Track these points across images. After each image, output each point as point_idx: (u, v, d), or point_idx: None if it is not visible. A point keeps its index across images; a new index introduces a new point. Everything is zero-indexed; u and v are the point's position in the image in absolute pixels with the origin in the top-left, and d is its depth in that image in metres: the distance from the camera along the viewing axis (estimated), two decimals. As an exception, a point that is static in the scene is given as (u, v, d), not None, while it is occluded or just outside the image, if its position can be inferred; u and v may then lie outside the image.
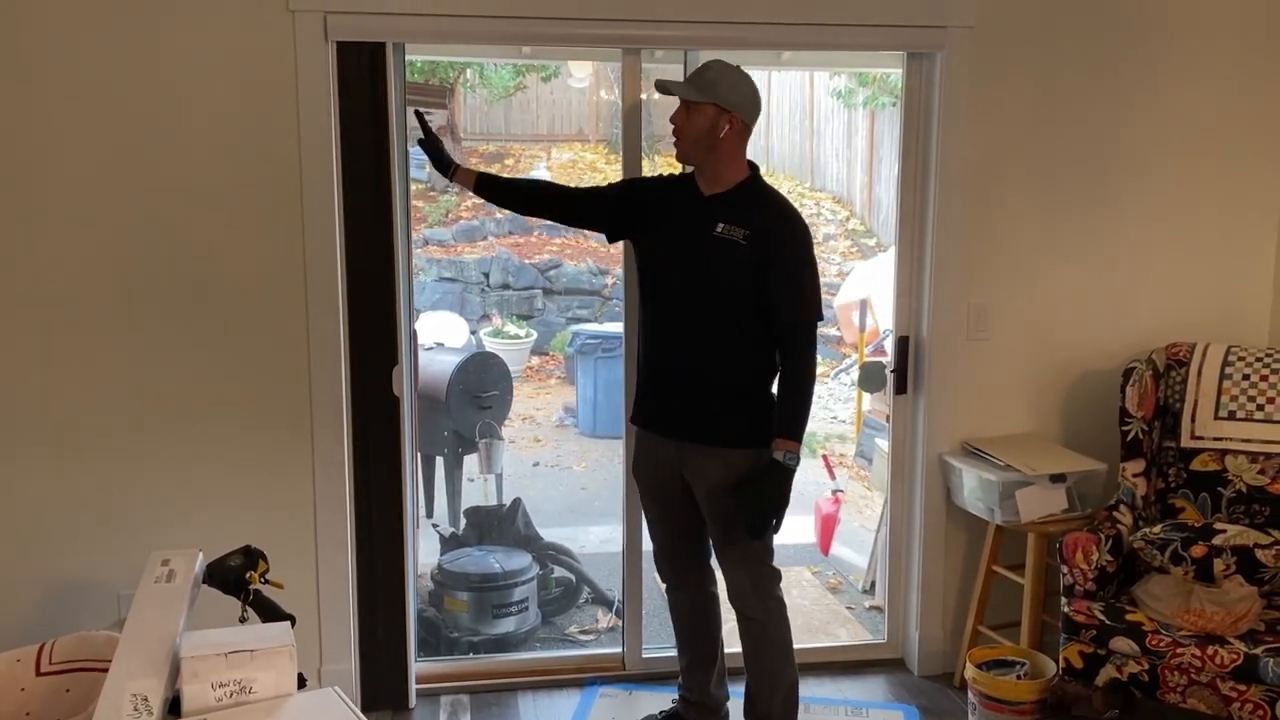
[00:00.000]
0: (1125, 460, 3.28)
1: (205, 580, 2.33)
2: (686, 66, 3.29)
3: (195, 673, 1.83)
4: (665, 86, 2.83)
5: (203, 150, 3.04)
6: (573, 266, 9.95)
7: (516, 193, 3.25)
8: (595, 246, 10.27)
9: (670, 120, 2.83)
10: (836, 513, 5.08)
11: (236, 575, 2.33)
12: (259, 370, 3.15)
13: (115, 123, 2.99)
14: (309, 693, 1.95)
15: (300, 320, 3.14)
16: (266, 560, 2.39)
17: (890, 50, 3.43)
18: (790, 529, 5.13)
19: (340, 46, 3.06)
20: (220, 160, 3.05)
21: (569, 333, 8.83)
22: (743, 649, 3.00)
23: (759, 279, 2.74)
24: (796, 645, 3.02)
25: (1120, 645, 2.85)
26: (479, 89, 11.15)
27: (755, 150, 2.88)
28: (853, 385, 7.53)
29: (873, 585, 4.56)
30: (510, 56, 6.19)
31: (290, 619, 2.21)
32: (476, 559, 4.25)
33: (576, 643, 4.19)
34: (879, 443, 4.67)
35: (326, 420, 3.18)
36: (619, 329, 3.53)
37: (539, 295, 9.76)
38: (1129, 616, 2.90)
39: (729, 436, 2.83)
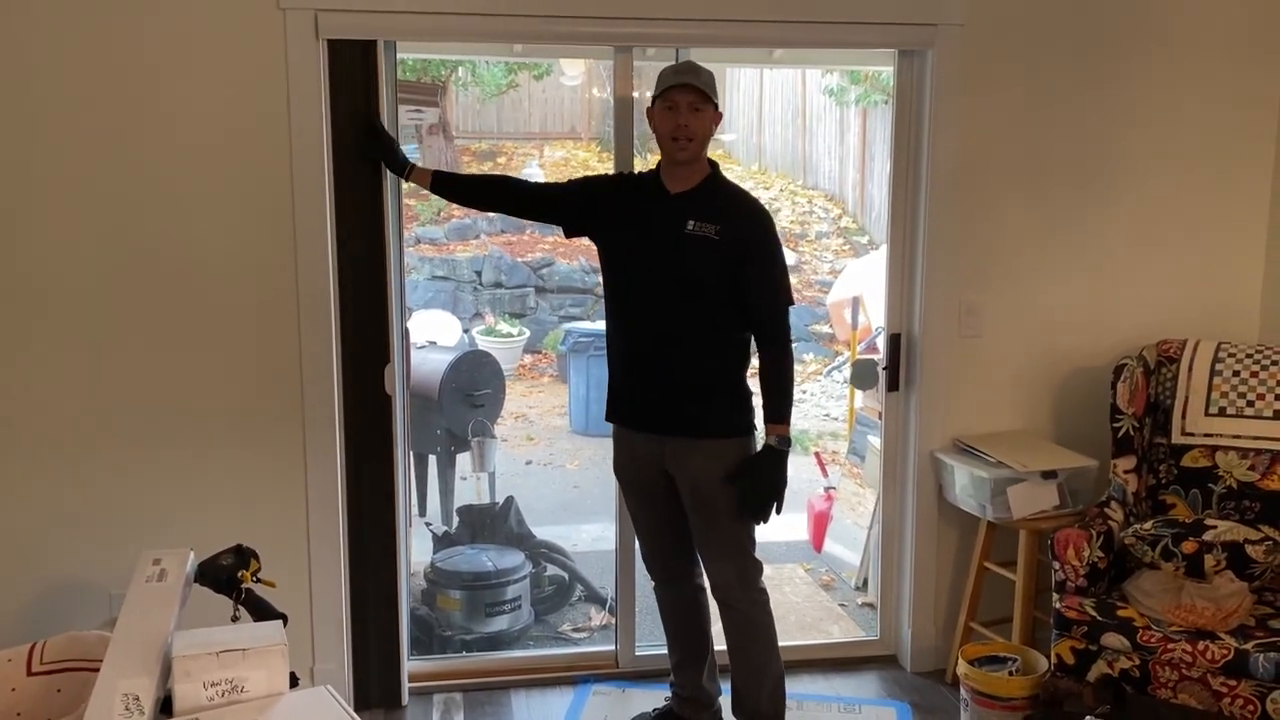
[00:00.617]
0: (1116, 457, 3.29)
1: (197, 579, 2.33)
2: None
3: (187, 672, 1.83)
4: (699, 83, 2.79)
5: (193, 149, 3.03)
6: (565, 265, 9.94)
7: (473, 189, 3.38)
8: (588, 245, 10.24)
9: (684, 124, 2.79)
10: (829, 510, 5.08)
11: (228, 574, 2.33)
12: (250, 369, 3.15)
13: (104, 121, 2.98)
14: (301, 691, 1.95)
15: (292, 319, 3.14)
16: (258, 559, 2.39)
17: (881, 48, 3.43)
18: (783, 526, 5.15)
19: (331, 44, 3.05)
20: (211, 159, 3.05)
21: (561, 331, 8.82)
22: (727, 643, 3.01)
23: (734, 272, 2.81)
24: (789, 643, 3.04)
25: (1111, 641, 2.86)
26: (471, 87, 11.13)
27: (749, 148, 2.90)
28: (845, 383, 7.54)
29: (865, 582, 4.56)
30: (502, 54, 6.18)
31: (282, 618, 2.21)
32: (469, 557, 4.25)
33: (569, 641, 4.19)
34: (871, 440, 4.68)
35: (318, 419, 3.18)
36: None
37: (531, 293, 9.75)
38: (1120, 612, 2.91)
39: (710, 428, 2.87)
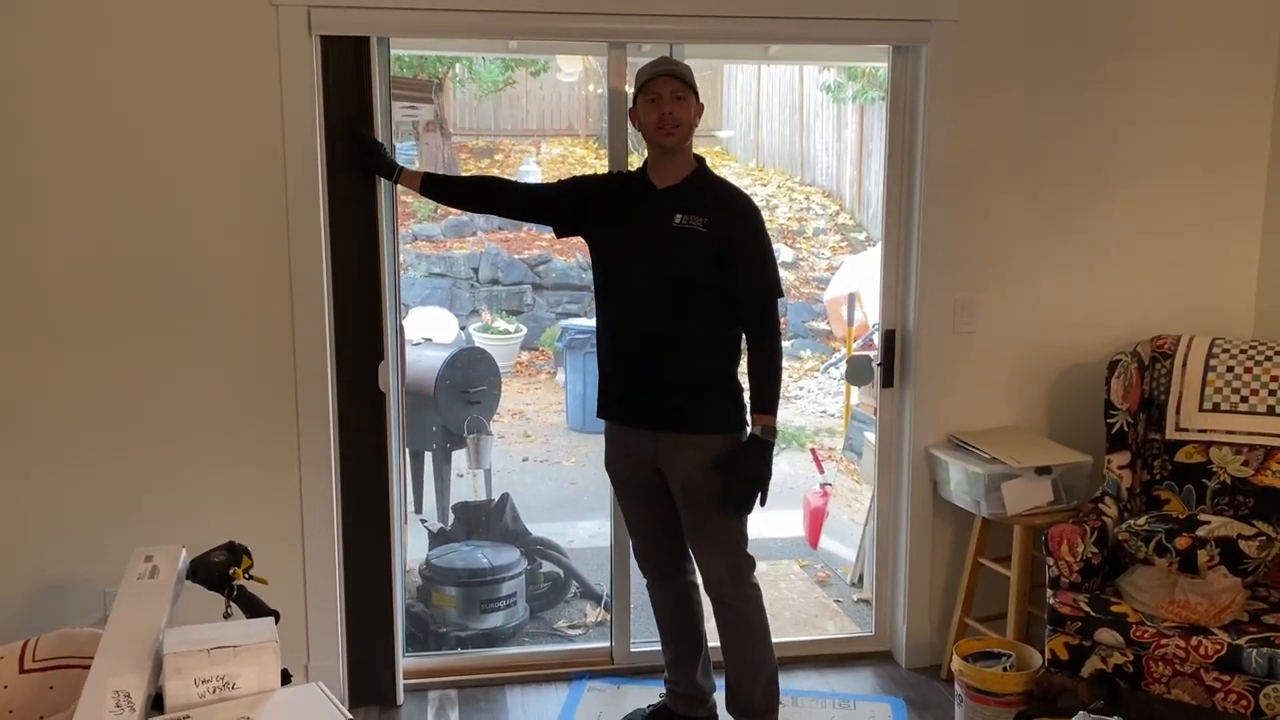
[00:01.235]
0: (1110, 452, 3.29)
1: (189, 576, 2.32)
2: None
3: (178, 669, 1.83)
4: (673, 70, 2.84)
5: (186, 146, 3.03)
6: (562, 262, 9.94)
7: (464, 190, 3.37)
8: (584, 242, 10.24)
9: (668, 112, 2.82)
10: (825, 506, 5.09)
11: (220, 571, 2.32)
12: (244, 366, 3.14)
13: (96, 120, 2.97)
14: (292, 688, 1.95)
15: (285, 316, 3.14)
16: (250, 556, 2.39)
17: (875, 44, 3.43)
18: (779, 522, 5.15)
19: (324, 41, 3.05)
20: (204, 156, 3.04)
21: (558, 327, 8.83)
22: (720, 639, 3.02)
23: (723, 265, 2.82)
24: (784, 639, 3.04)
25: (1105, 637, 2.86)
26: (468, 84, 11.13)
27: (746, 145, 2.90)
28: (841, 379, 7.54)
29: (861, 578, 4.57)
30: (497, 51, 6.19)
31: (274, 615, 2.21)
32: (465, 554, 4.25)
33: (565, 637, 4.19)
34: (867, 436, 4.68)
35: (313, 416, 3.18)
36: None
37: (528, 290, 9.75)
38: (1114, 608, 2.91)
39: (702, 424, 2.88)
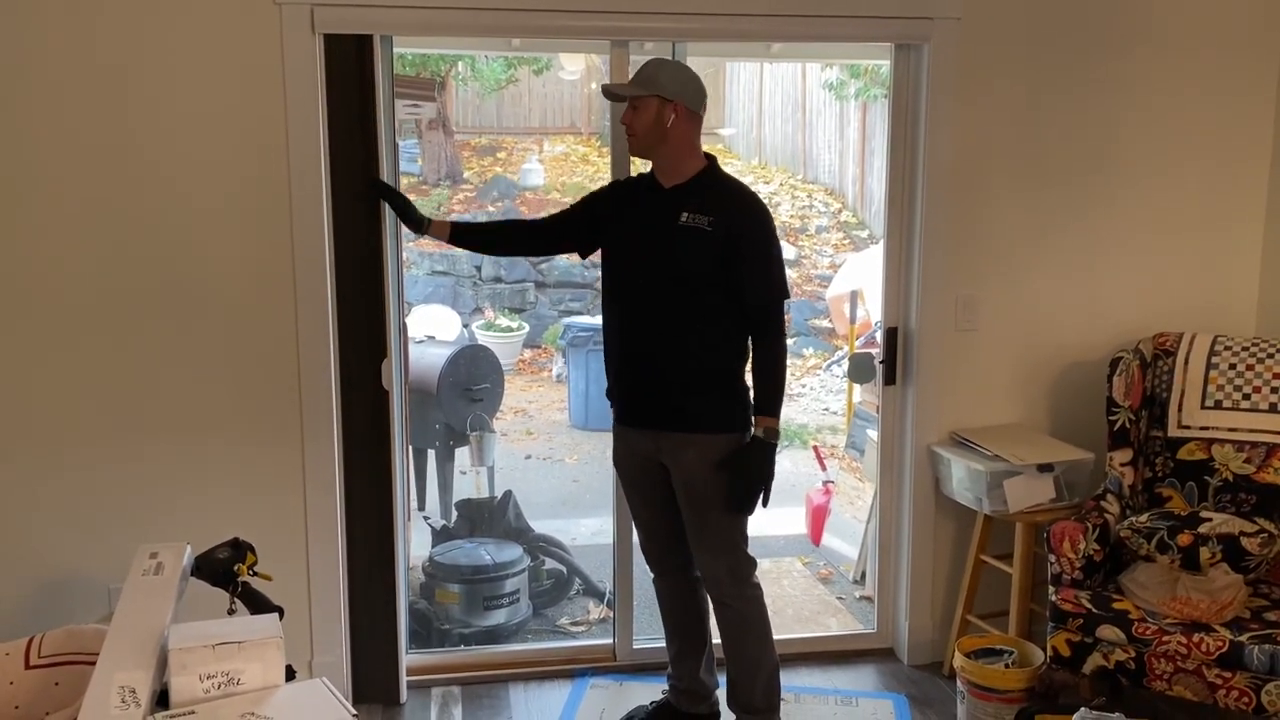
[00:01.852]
0: (1112, 450, 3.29)
1: (193, 573, 2.34)
2: (674, 58, 3.31)
3: (183, 664, 1.84)
4: (610, 90, 2.94)
5: (189, 144, 3.04)
6: (565, 260, 9.94)
7: (489, 236, 3.48)
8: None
9: (621, 121, 2.93)
10: (827, 504, 5.09)
11: (225, 568, 2.34)
12: (248, 364, 3.15)
13: (98, 120, 2.98)
14: (297, 684, 1.96)
15: (289, 314, 3.14)
16: (255, 553, 2.40)
17: (877, 42, 3.43)
18: (781, 519, 5.15)
19: (327, 39, 3.06)
20: (207, 154, 3.05)
21: (561, 325, 8.83)
22: (721, 637, 3.02)
23: (727, 264, 2.80)
24: (787, 635, 3.05)
25: (1107, 633, 2.87)
26: (470, 82, 11.13)
27: (748, 143, 2.90)
28: (844, 377, 7.54)
29: (863, 575, 4.58)
30: (500, 49, 6.19)
31: (278, 611, 2.22)
32: (468, 551, 4.26)
33: (567, 634, 4.20)
34: (870, 434, 4.68)
35: (316, 413, 3.19)
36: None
37: (531, 288, 9.76)
38: (1116, 605, 2.92)
39: (705, 423, 2.87)
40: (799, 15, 3.25)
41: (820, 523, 5.06)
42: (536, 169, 11.22)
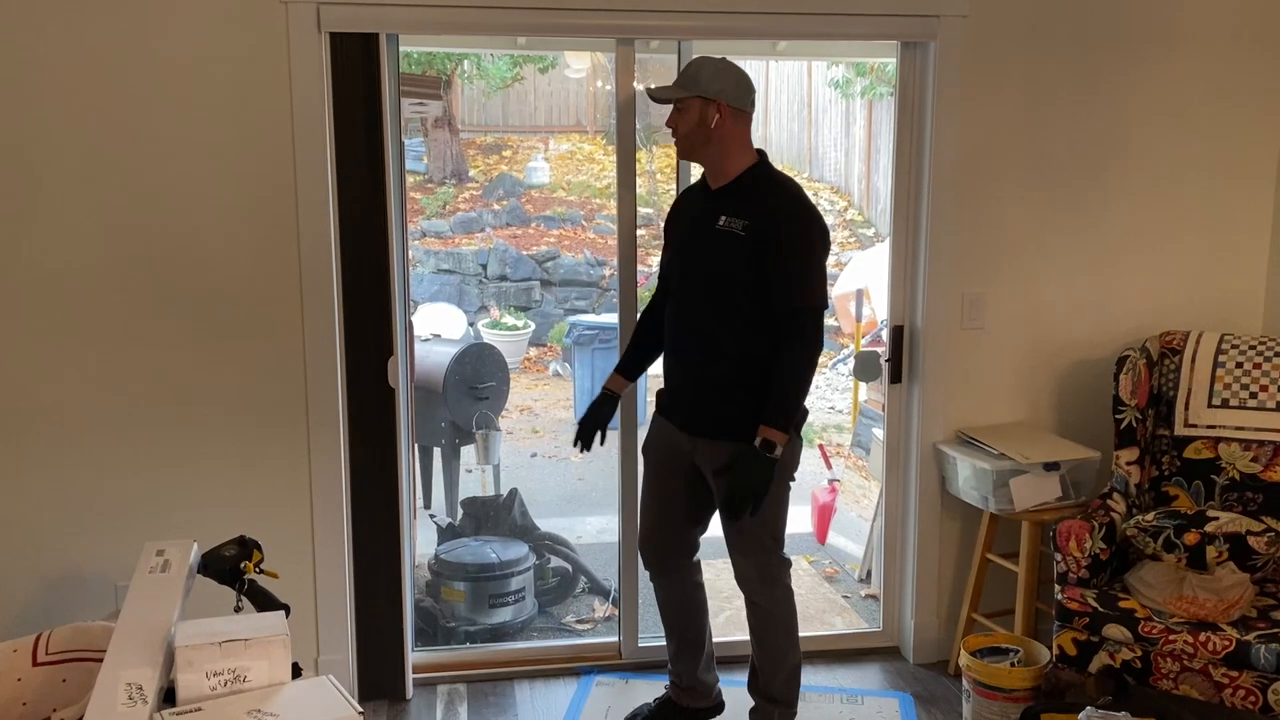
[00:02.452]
0: (1119, 448, 3.29)
1: (200, 570, 2.34)
2: (680, 56, 3.31)
3: (189, 662, 1.84)
4: (654, 94, 2.85)
5: (196, 142, 3.04)
6: (570, 258, 9.95)
7: (649, 338, 3.12)
8: (593, 238, 10.26)
9: (666, 125, 2.86)
10: (833, 502, 5.10)
11: (231, 565, 2.34)
12: (254, 362, 3.16)
13: (107, 115, 2.98)
14: (303, 681, 1.96)
15: (295, 312, 3.15)
16: (261, 550, 2.40)
17: (883, 40, 3.42)
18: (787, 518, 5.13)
19: (333, 38, 3.06)
20: (213, 153, 3.05)
21: (566, 324, 8.84)
22: (750, 629, 3.03)
23: (758, 269, 2.74)
24: (791, 634, 3.04)
25: (1113, 632, 2.87)
26: (476, 80, 11.14)
27: (754, 140, 2.89)
28: (849, 375, 7.54)
29: (869, 574, 4.57)
30: (506, 47, 6.19)
31: (285, 608, 2.22)
32: (473, 549, 4.27)
33: (573, 632, 4.20)
34: (876, 432, 4.68)
35: (322, 411, 3.19)
36: (616, 320, 3.54)
37: (536, 286, 9.76)
38: (1122, 604, 2.91)
39: (734, 430, 2.81)
40: (805, 13, 3.24)
41: (826, 521, 5.07)
42: (542, 167, 11.23)
